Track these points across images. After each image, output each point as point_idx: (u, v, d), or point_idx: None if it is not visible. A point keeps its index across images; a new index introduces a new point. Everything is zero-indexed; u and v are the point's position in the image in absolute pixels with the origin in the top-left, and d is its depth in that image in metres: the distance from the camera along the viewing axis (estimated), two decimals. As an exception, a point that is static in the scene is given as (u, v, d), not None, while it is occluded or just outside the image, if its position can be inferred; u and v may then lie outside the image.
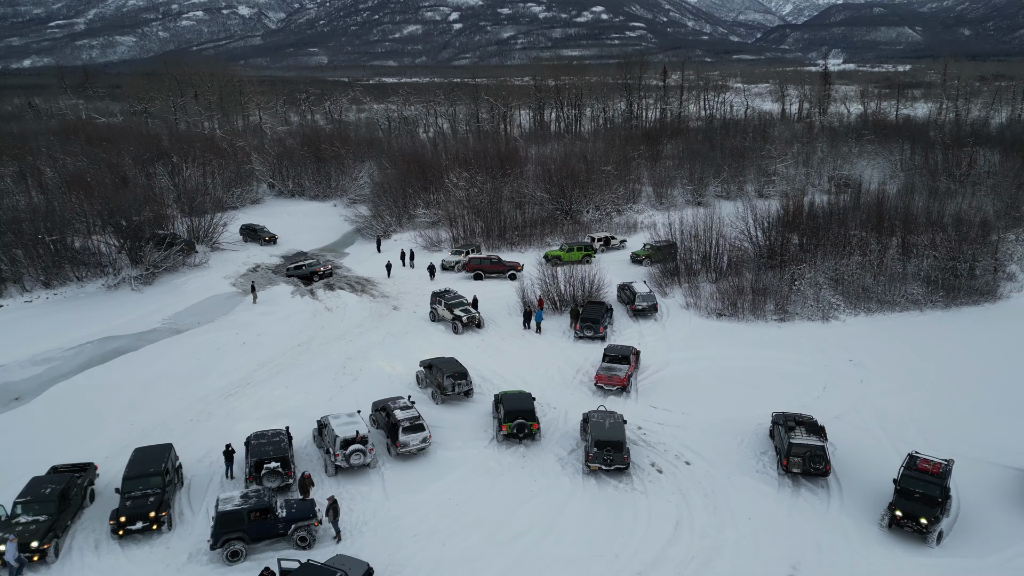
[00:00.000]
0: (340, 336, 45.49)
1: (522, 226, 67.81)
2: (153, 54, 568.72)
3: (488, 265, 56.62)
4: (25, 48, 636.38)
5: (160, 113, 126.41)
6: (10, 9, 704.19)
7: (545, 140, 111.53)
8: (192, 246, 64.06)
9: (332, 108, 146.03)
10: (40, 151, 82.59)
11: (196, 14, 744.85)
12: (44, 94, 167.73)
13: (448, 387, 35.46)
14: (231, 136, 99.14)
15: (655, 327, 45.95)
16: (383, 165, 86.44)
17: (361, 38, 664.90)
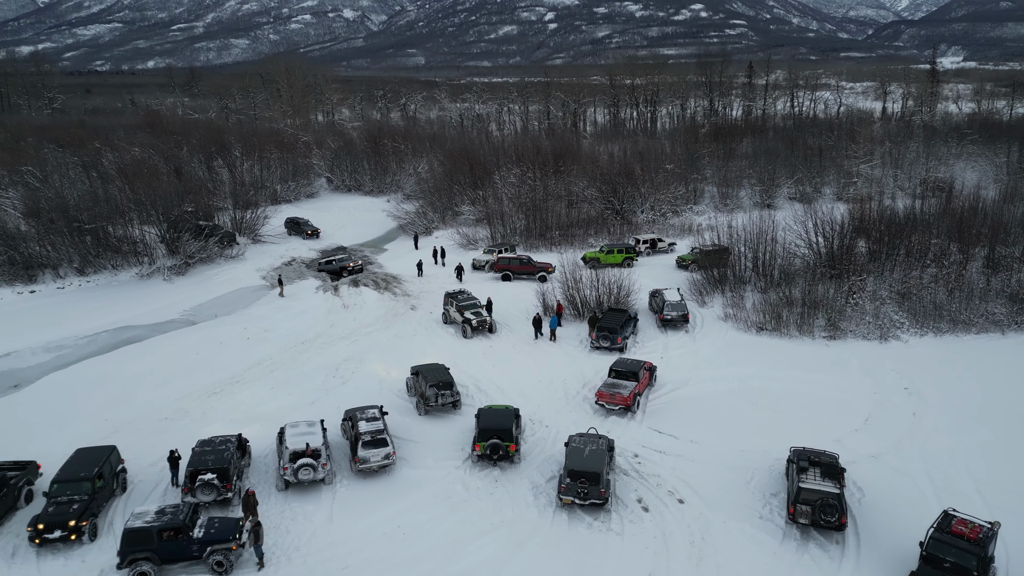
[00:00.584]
0: (347, 335, 43.34)
1: (566, 225, 64.07)
2: (264, 56, 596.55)
3: (517, 266, 53.30)
4: (150, 50, 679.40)
5: (242, 110, 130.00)
6: (138, 14, 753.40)
7: (616, 138, 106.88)
8: (233, 238, 63.88)
9: (407, 105, 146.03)
10: (112, 142, 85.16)
11: (304, 17, 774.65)
12: (155, 92, 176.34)
13: (431, 397, 32.47)
14: (299, 131, 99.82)
15: (684, 340, 41.39)
16: (436, 162, 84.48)
17: (457, 39, 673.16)
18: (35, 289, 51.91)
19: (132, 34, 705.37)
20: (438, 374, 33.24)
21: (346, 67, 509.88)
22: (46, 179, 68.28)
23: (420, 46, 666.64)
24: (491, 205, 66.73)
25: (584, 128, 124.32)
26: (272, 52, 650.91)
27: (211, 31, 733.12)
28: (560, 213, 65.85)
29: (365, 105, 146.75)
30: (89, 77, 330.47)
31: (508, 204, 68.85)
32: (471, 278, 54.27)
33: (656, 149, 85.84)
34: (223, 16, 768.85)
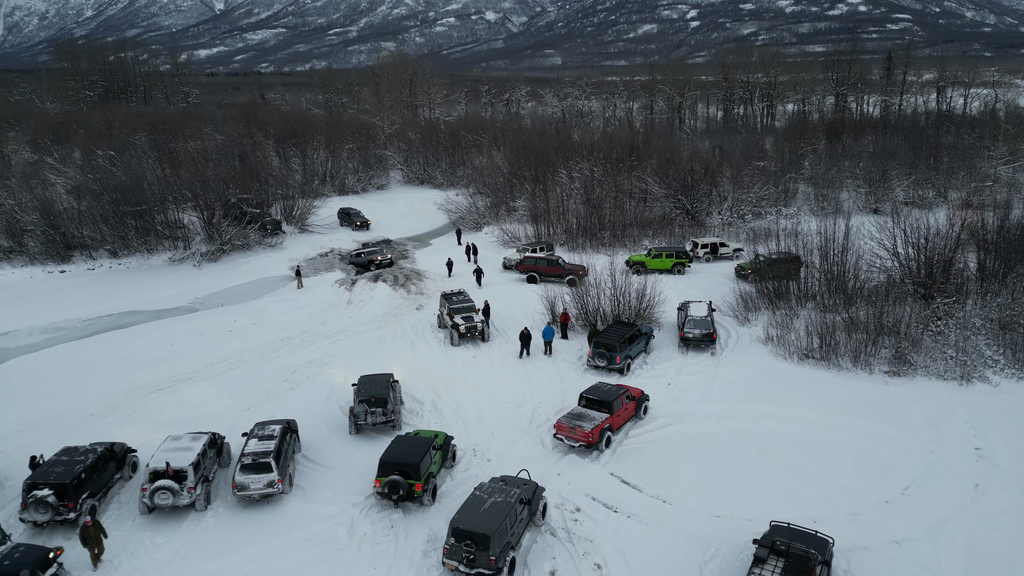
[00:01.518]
0: (332, 334, 39.56)
1: (622, 225, 57.31)
2: (412, 57, 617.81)
3: (544, 267, 47.52)
4: (308, 53, 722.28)
5: (347, 104, 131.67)
6: (300, 20, 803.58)
7: (718, 134, 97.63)
8: (278, 226, 62.34)
9: (510, 101, 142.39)
10: (200, 131, 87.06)
11: (448, 20, 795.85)
12: (291, 90, 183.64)
13: (360, 415, 27.73)
14: (386, 124, 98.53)
15: (705, 364, 34.18)
16: (500, 155, 79.73)
17: (596, 39, 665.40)
18: (65, 269, 52.28)
19: (294, 38, 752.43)
20: (373, 388, 28.43)
21: (484, 68, 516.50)
22: (117, 163, 69.93)
23: (558, 46, 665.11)
24: (537, 202, 60.98)
25: (687, 124, 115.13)
26: (417, 54, 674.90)
27: (363, 35, 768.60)
28: (618, 212, 59.06)
29: (469, 101, 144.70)
30: (243, 78, 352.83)
31: (565, 200, 62.93)
32: (500, 279, 49.18)
33: (753, 145, 76.54)
34: (375, 20, 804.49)
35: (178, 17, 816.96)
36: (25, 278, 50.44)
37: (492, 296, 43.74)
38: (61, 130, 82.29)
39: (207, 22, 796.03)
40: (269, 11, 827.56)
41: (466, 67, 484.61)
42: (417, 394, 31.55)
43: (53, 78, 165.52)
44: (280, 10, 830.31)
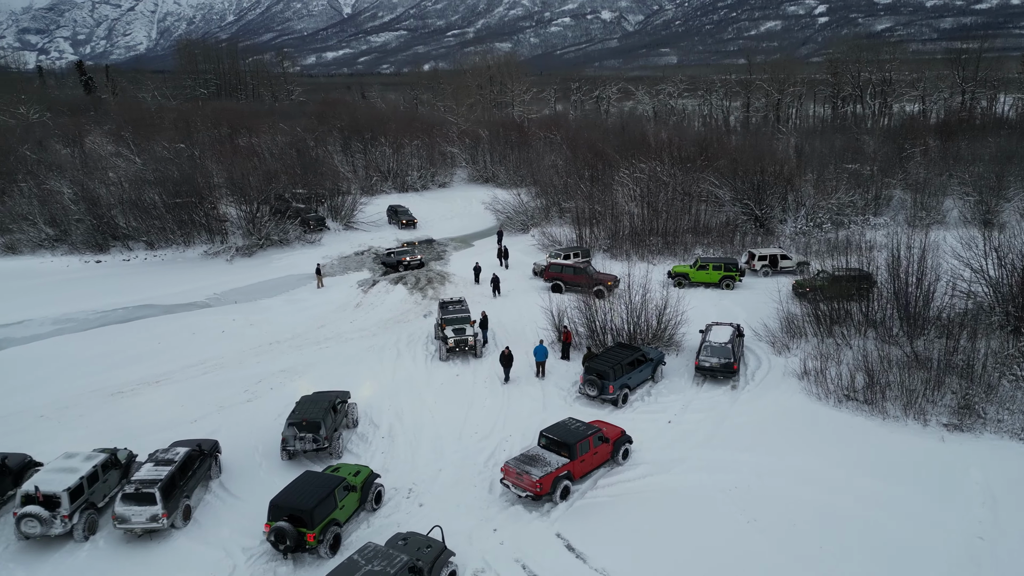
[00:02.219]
0: (322, 340, 36.78)
1: (674, 231, 51.67)
2: (523, 58, 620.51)
3: (570, 275, 42.85)
4: (427, 55, 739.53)
5: (429, 101, 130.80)
6: (420, 22, 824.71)
7: (815, 134, 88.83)
8: (322, 222, 60.82)
9: (600, 99, 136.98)
10: (274, 126, 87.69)
11: (564, 20, 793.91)
12: (393, 89, 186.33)
13: (288, 439, 24.49)
14: (460, 121, 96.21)
15: (719, 399, 28.74)
16: (558, 155, 75.09)
17: (714, 37, 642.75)
18: (101, 259, 52.52)
19: (414, 40, 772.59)
20: (308, 410, 25.09)
21: (597, 67, 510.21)
22: (183, 155, 70.82)
23: (674, 45, 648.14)
24: (592, 204, 56.07)
25: (785, 123, 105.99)
26: (530, 55, 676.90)
27: (480, 36, 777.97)
28: (675, 216, 53.38)
29: (559, 99, 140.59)
30: (347, 78, 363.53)
31: (625, 202, 57.85)
32: (524, 287, 44.98)
33: (847, 145, 68.28)
34: (491, 22, 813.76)
35: (309, 21, 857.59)
36: (62, 267, 51.00)
37: (507, 306, 39.77)
38: (143, 122, 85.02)
39: (335, 25, 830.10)
40: (392, 14, 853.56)
41: (578, 66, 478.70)
42: (377, 416, 28.04)
43: (174, 77, 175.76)
44: (402, 13, 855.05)
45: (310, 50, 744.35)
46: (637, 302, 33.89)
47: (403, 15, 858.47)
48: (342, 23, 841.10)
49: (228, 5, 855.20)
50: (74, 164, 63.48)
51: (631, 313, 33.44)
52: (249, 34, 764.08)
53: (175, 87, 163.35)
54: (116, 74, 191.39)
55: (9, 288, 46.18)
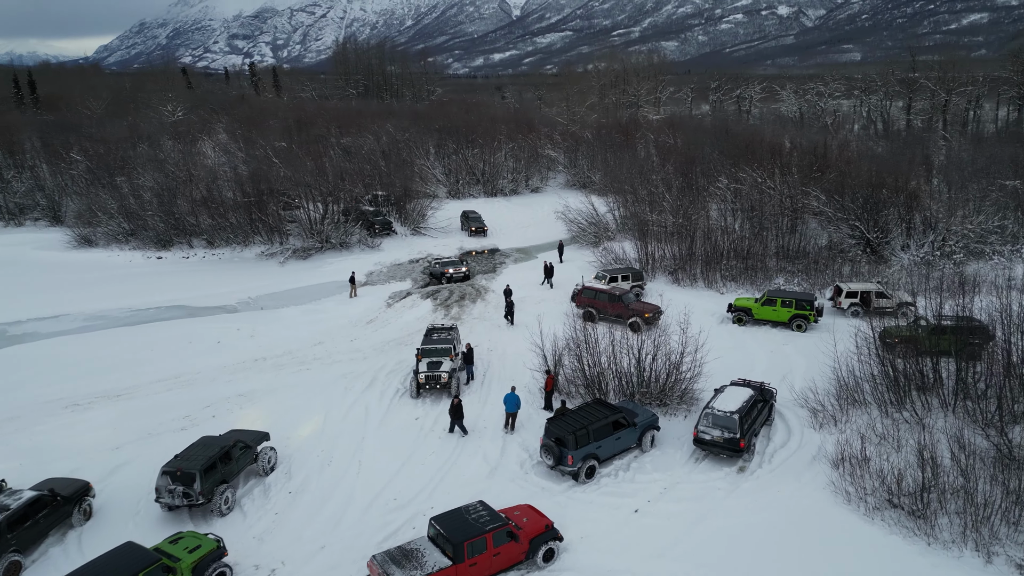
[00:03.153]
0: (307, 361, 33.62)
1: (760, 254, 43.87)
2: (689, 57, 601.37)
3: (604, 302, 36.82)
4: (590, 55, 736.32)
5: (553, 101, 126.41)
6: (586, 23, 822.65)
7: (982, 142, 75.00)
8: (389, 226, 58.51)
9: (741, 98, 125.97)
10: (380, 126, 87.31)
11: (736, 17, 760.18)
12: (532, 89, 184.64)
13: (160, 489, 21.23)
14: (568, 122, 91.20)
15: (714, 484, 22.23)
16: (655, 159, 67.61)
17: (907, 31, 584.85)
18: (162, 256, 53.13)
19: (578, 41, 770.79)
20: (190, 456, 21.70)
21: (770, 65, 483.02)
22: (280, 154, 71.44)
23: (858, 40, 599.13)
24: (654, 216, 49.15)
25: (949, 127, 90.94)
26: (697, 53, 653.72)
27: (645, 35, 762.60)
28: (763, 236, 45.50)
29: (696, 98, 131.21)
30: (486, 79, 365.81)
31: (722, 216, 50.56)
32: (552, 312, 39.40)
33: (1002, 157, 56.00)
34: (659, 20, 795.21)
35: (480, 24, 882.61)
36: (125, 261, 52.13)
37: (519, 337, 34.64)
38: (255, 121, 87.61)
39: (504, 28, 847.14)
40: (559, 15, 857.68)
41: (748, 65, 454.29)
42: (298, 465, 24.20)
43: (330, 78, 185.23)
44: (569, 14, 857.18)
45: (479, 52, 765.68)
46: (650, 345, 27.61)
47: (570, 16, 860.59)
48: (510, 25, 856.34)
49: (407, 11, 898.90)
50: (170, 160, 65.41)
51: (632, 356, 27.24)
52: (424, 37, 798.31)
53: (332, 88, 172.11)
54: (282, 75, 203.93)
55: (67, 280, 47.52)
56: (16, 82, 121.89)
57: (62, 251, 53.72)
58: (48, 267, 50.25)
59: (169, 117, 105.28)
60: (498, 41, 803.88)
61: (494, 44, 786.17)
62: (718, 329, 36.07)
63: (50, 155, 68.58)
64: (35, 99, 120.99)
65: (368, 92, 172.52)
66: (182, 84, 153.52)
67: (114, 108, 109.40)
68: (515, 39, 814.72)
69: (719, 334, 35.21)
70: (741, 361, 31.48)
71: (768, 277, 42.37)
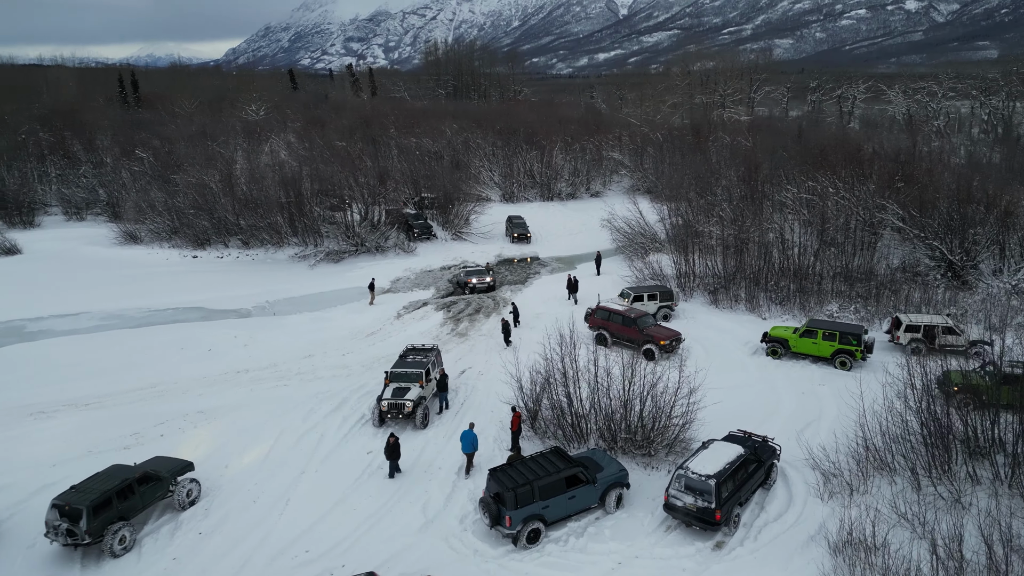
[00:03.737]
0: (285, 376, 31.46)
1: (818, 275, 38.50)
2: (804, 55, 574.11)
3: (618, 325, 32.80)
4: (697, 54, 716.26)
5: (634, 101, 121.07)
6: (695, 20, 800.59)
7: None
8: (428, 230, 56.30)
9: (843, 99, 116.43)
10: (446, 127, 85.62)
11: (858, 12, 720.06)
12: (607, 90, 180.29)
13: (48, 523, 19.32)
14: (642, 123, 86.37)
15: (678, 563, 18.31)
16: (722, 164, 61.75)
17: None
18: (198, 255, 52.89)
19: (686, 39, 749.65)
20: (85, 489, 19.72)
21: (893, 63, 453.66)
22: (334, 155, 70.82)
23: (996, 37, 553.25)
24: (694, 222, 44.23)
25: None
26: (813, 51, 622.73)
27: (758, 32, 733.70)
28: (829, 254, 40.04)
29: (793, 98, 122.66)
30: (582, 80, 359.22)
31: (779, 228, 45.31)
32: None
33: None
34: (773, 17, 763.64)
35: (586, 24, 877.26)
36: (162, 259, 52.15)
37: (518, 359, 31.29)
38: (323, 120, 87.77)
39: (610, 27, 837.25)
40: (667, 13, 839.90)
41: (869, 63, 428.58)
42: (226, 498, 21.88)
43: (421, 79, 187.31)
44: (677, 12, 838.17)
45: (583, 52, 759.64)
46: (642, 382, 23.67)
47: (678, 14, 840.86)
48: (616, 24, 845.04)
49: (514, 12, 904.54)
50: (222, 159, 65.74)
51: (623, 395, 23.39)
52: (530, 38, 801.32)
53: (423, 88, 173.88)
54: (379, 76, 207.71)
55: (100, 277, 47.70)
56: (121, 81, 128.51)
57: (107, 247, 54.56)
58: (89, 263, 50.93)
59: (253, 116, 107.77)
60: (603, 41, 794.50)
61: (599, 44, 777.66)
62: (748, 362, 31.51)
63: (118, 152, 70.50)
64: (137, 98, 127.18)
65: (457, 92, 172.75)
66: (287, 85, 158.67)
67: (204, 107, 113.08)
68: (620, 38, 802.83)
69: (747, 368, 30.74)
70: (762, 403, 27.00)
71: (821, 302, 37.02)
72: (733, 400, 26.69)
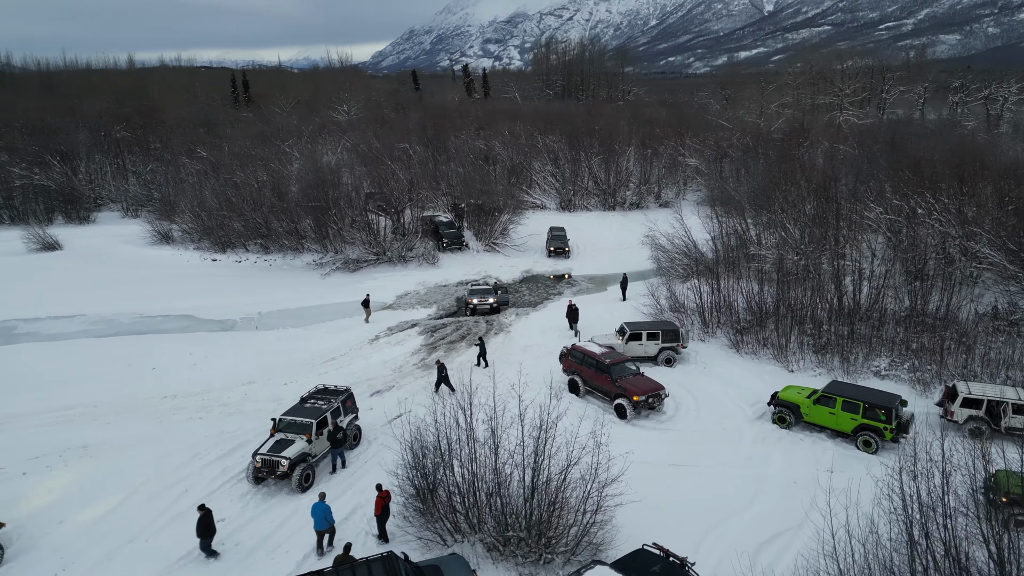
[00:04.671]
0: (209, 407, 28.00)
1: (878, 317, 30.67)
2: (973, 52, 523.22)
3: (591, 371, 26.88)
4: (849, 51, 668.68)
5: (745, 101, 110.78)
6: (849, 15, 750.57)
7: None
8: (458, 239, 52.03)
9: (991, 99, 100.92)
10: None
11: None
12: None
13: None
14: (735, 125, 77.79)
15: None
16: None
17: None
18: (217, 258, 51.33)
19: (837, 36, 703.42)
20: None
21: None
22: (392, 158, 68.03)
23: None
24: (747, 242, 36.77)
25: None
26: (984, 48, 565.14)
27: (920, 27, 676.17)
28: (890, 292, 32.01)
29: (931, 99, 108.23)
30: (692, 79, 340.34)
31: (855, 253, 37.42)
32: (536, 380, 30.27)
33: None
34: (938, 11, 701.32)
35: (728, 21, 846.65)
36: (184, 261, 50.99)
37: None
38: (385, 122, 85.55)
39: (753, 24, 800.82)
40: (817, 8, 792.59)
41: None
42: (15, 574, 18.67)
43: (528, 78, 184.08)
44: (829, 7, 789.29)
45: (722, 50, 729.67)
46: (557, 455, 18.20)
47: (829, 9, 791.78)
48: (760, 21, 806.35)
49: (652, 10, 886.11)
50: (279, 159, 64.54)
51: (534, 465, 18.00)
52: (667, 37, 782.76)
53: (532, 88, 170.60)
54: (492, 76, 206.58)
55: (115, 277, 46.95)
56: (233, 82, 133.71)
57: (139, 247, 54.28)
58: (116, 262, 50.60)
59: (344, 116, 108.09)
60: (745, 39, 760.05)
61: (740, 42, 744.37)
62: (746, 430, 24.88)
63: (176, 152, 70.89)
64: (247, 97, 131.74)
65: (566, 93, 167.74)
66: (410, 86, 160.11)
67: (301, 107, 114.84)
68: (764, 36, 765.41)
69: (741, 439, 24.29)
70: (732, 493, 20.57)
71: (870, 354, 29.32)
72: (695, 486, 20.54)
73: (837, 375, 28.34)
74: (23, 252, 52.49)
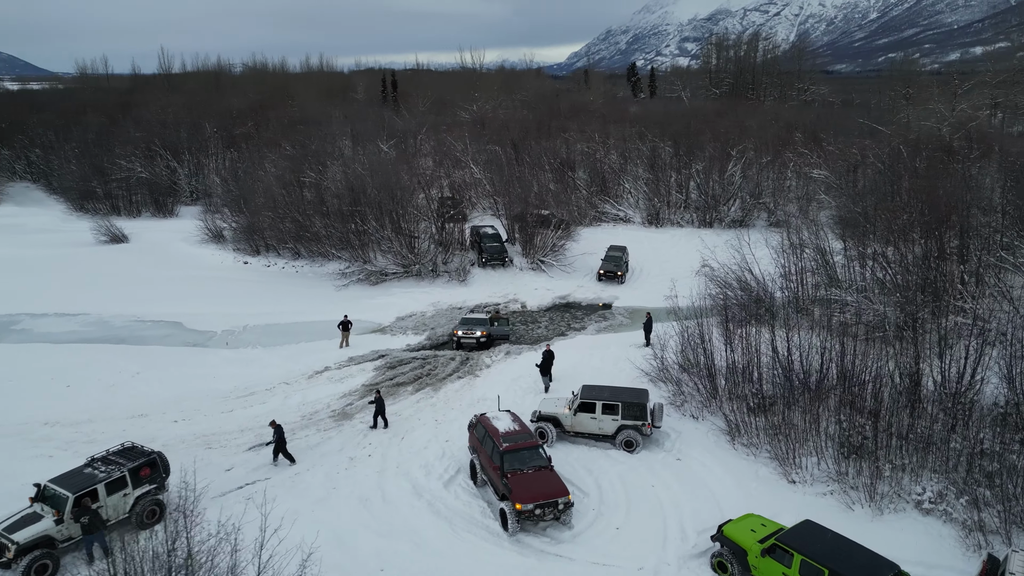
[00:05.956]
0: (95, 440, 24.32)
1: (969, 408, 20.51)
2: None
3: (487, 456, 19.63)
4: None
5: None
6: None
7: None
8: (500, 255, 45.70)
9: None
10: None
11: None
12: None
13: None
14: (893, 131, 63.77)
15: None
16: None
17: None
18: (248, 261, 49.01)
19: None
20: None
21: None
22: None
23: None
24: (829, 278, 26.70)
25: None
26: None
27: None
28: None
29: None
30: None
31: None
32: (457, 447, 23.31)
33: None
34: None
35: (964, 13, 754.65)
36: (218, 262, 49.26)
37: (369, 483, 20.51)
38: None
39: (995, 16, 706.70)
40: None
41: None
42: None
43: (692, 75, 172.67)
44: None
45: (955, 45, 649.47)
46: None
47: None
48: (1006, 12, 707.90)
49: (872, 3, 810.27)
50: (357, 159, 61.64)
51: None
52: (889, 31, 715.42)
53: (699, 87, 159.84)
54: (658, 75, 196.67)
55: (137, 276, 45.79)
56: (384, 82, 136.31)
57: (191, 244, 53.54)
58: (162, 258, 50.10)
59: (466, 116, 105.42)
60: (984, 32, 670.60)
61: (978, 35, 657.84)
62: (669, 575, 16.68)
63: (261, 148, 70.42)
64: (394, 97, 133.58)
65: (735, 91, 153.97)
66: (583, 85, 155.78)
67: (436, 106, 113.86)
68: (1009, 28, 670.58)
69: None
70: None
71: (920, 469, 19.40)
72: None
73: (860, 498, 18.89)
74: (92, 244, 53.77)
